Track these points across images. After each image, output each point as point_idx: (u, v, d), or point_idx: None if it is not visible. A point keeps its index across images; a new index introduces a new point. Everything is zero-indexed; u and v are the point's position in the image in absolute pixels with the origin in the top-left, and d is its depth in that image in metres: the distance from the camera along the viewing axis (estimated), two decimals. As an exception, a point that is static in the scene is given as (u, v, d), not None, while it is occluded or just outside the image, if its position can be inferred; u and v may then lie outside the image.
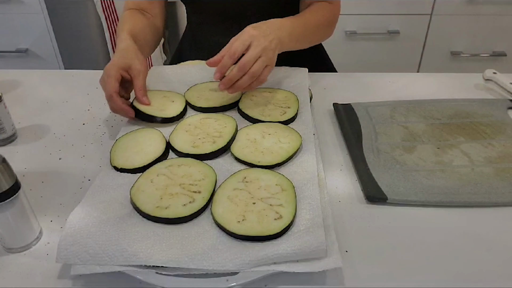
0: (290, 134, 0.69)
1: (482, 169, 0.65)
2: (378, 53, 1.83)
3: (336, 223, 0.57)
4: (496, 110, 0.79)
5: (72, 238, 0.51)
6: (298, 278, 0.50)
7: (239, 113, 0.76)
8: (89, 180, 0.65)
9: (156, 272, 0.49)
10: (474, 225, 0.58)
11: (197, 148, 0.66)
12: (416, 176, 0.64)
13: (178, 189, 0.58)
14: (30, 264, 0.53)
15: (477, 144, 0.70)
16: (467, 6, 1.71)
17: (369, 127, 0.75)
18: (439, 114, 0.78)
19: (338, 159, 0.70)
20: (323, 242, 0.49)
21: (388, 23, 1.76)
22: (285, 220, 0.52)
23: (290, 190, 0.57)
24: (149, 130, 0.71)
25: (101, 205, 0.56)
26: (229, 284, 0.48)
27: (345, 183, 0.65)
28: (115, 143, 0.68)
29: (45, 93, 0.89)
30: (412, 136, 0.73)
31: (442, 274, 0.51)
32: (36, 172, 0.68)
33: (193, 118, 0.74)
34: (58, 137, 0.76)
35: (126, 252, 0.49)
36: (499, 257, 0.53)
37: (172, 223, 0.54)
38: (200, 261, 0.49)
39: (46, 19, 1.79)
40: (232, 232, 0.52)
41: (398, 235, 0.56)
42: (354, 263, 0.52)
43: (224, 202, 0.56)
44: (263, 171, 0.61)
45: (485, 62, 1.83)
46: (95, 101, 0.86)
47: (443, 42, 1.80)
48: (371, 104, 0.81)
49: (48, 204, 0.62)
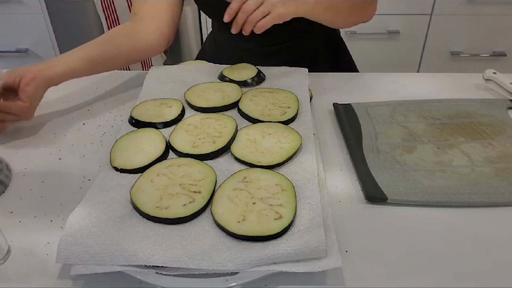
0: (290, 134, 0.69)
1: (482, 169, 0.65)
2: (378, 53, 1.83)
3: (336, 223, 0.57)
4: (496, 110, 0.79)
5: (72, 238, 0.51)
6: (298, 278, 0.50)
7: (239, 113, 0.76)
8: (89, 180, 0.65)
9: (156, 272, 0.49)
10: (474, 225, 0.58)
11: (197, 148, 0.66)
12: (416, 176, 0.64)
13: (178, 189, 0.58)
14: (30, 264, 0.53)
15: (477, 144, 0.70)
16: (467, 6, 1.71)
17: (369, 127, 0.75)
18: (439, 114, 0.78)
19: (338, 159, 0.70)
20: (323, 242, 0.49)
21: (388, 23, 1.76)
22: (285, 220, 0.52)
23: (290, 190, 0.57)
24: (149, 130, 0.71)
25: (101, 205, 0.56)
26: (229, 284, 0.48)
27: (345, 183, 0.65)
28: (115, 143, 0.68)
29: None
30: (412, 136, 0.73)
31: (442, 274, 0.51)
32: (36, 172, 0.68)
33: (193, 118, 0.74)
34: (58, 137, 0.76)
35: (126, 252, 0.49)
36: (499, 257, 0.53)
37: (172, 223, 0.54)
38: (200, 261, 0.49)
39: (46, 19, 1.79)
40: (232, 232, 0.52)
41: (398, 235, 0.56)
42: (354, 263, 0.52)
43: (224, 202, 0.56)
44: (263, 171, 0.61)
45: (485, 62, 1.83)
46: (95, 101, 0.86)
47: (443, 42, 1.80)
48: (371, 104, 0.81)
49: (48, 204, 0.62)
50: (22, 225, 0.58)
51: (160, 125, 0.73)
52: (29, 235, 0.57)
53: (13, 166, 0.69)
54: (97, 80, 0.92)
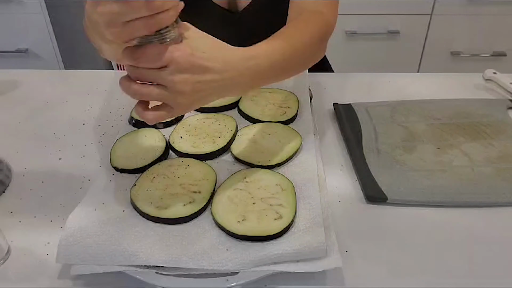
0: (290, 134, 0.69)
1: (482, 169, 0.65)
2: (378, 53, 1.82)
3: (336, 223, 0.57)
4: (496, 110, 0.79)
5: (72, 238, 0.51)
6: (298, 278, 0.50)
7: (239, 113, 0.76)
8: (89, 180, 0.65)
9: (156, 272, 0.49)
10: (474, 225, 0.57)
11: (197, 148, 0.66)
12: (416, 176, 0.64)
13: (178, 189, 0.58)
14: (30, 264, 0.53)
15: (477, 144, 0.70)
16: (467, 6, 1.71)
17: (369, 127, 0.75)
18: (439, 114, 0.78)
19: (338, 159, 0.70)
20: (323, 242, 0.49)
21: (388, 23, 1.76)
22: (285, 220, 0.52)
23: (290, 190, 0.57)
24: (149, 130, 0.71)
25: (101, 205, 0.56)
26: (229, 284, 0.48)
27: (345, 183, 0.65)
28: (115, 143, 0.68)
29: (45, 93, 0.89)
30: (412, 136, 0.73)
31: (442, 274, 0.51)
32: (36, 172, 0.68)
33: (193, 118, 0.74)
34: (58, 137, 0.76)
35: (126, 252, 0.49)
36: (499, 257, 0.53)
37: (172, 223, 0.54)
38: (200, 261, 0.49)
39: (46, 19, 1.79)
40: (232, 232, 0.52)
41: (398, 235, 0.56)
42: (354, 263, 0.52)
43: (224, 202, 0.56)
44: (263, 171, 0.61)
45: (485, 62, 1.83)
46: (95, 101, 0.86)
47: (443, 42, 1.80)
48: (371, 104, 0.81)
49: (48, 204, 0.62)
50: (22, 225, 0.58)
51: (160, 125, 0.73)
52: (29, 235, 0.57)
53: (13, 166, 0.69)
54: (97, 80, 0.92)
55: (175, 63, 0.45)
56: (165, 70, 0.45)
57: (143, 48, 0.45)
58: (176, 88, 0.46)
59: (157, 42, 0.45)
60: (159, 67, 0.45)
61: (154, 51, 0.44)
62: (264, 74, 0.54)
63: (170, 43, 0.45)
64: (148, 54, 0.45)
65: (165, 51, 0.44)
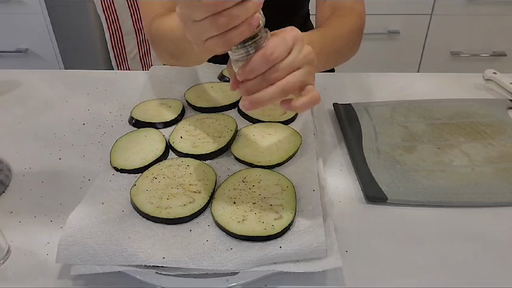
0: (290, 134, 0.69)
1: (482, 169, 0.65)
2: (378, 53, 1.83)
3: (336, 223, 0.57)
4: (496, 110, 0.79)
5: (72, 238, 0.51)
6: (298, 278, 0.50)
7: (239, 113, 0.76)
8: (89, 180, 0.65)
9: (156, 272, 0.49)
10: (474, 225, 0.57)
11: (197, 148, 0.66)
12: (416, 176, 0.64)
13: (178, 189, 0.58)
14: (30, 264, 0.53)
15: (477, 144, 0.70)
16: (467, 6, 1.71)
17: (369, 127, 0.75)
18: (439, 114, 0.78)
19: (338, 159, 0.70)
20: (323, 242, 0.49)
21: (388, 23, 1.76)
22: (285, 220, 0.52)
23: (290, 190, 0.57)
24: (149, 130, 0.71)
25: (101, 205, 0.56)
26: (229, 284, 0.48)
27: (345, 183, 0.65)
28: (115, 143, 0.68)
29: (45, 93, 0.89)
30: (412, 136, 0.73)
31: (442, 274, 0.51)
32: (36, 172, 0.68)
33: (193, 118, 0.74)
34: (58, 137, 0.76)
35: (126, 252, 0.49)
36: (499, 257, 0.53)
37: (172, 223, 0.54)
38: (200, 261, 0.49)
39: (46, 19, 1.79)
40: (232, 232, 0.52)
41: (398, 235, 0.56)
42: (354, 263, 0.52)
43: (224, 202, 0.56)
44: (263, 171, 0.61)
45: (485, 62, 1.83)
46: (95, 101, 0.86)
47: (443, 42, 1.80)
48: (371, 104, 0.81)
49: (48, 204, 0.62)
50: (22, 225, 0.58)
51: (160, 125, 0.73)
52: (29, 235, 0.57)
53: (13, 166, 0.69)
54: (97, 80, 0.92)
55: (298, 39, 0.48)
56: (292, 53, 0.48)
57: (272, 46, 0.46)
58: (308, 58, 0.49)
59: (253, 46, 0.46)
60: (286, 55, 0.47)
61: (281, 44, 0.47)
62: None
63: (266, 39, 0.47)
64: (278, 48, 0.47)
65: (286, 40, 0.47)
